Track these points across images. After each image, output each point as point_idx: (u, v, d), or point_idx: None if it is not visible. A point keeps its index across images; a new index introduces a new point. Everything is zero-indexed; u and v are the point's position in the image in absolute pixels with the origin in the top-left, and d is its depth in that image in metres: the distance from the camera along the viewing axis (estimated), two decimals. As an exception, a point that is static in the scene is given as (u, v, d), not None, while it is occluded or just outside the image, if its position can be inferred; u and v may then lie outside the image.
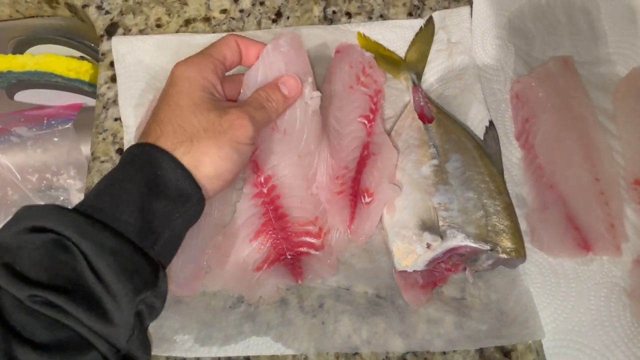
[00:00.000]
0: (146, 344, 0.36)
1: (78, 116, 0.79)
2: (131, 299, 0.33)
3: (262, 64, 0.48)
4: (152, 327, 0.47)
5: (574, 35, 0.58)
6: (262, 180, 0.49)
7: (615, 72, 0.55)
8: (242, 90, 0.48)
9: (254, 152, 0.50)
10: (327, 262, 0.48)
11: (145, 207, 0.37)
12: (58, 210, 0.34)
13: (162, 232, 0.38)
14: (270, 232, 0.48)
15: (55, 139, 0.77)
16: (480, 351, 0.45)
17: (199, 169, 0.39)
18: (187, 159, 0.39)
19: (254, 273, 0.47)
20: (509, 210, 0.47)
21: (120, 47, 0.59)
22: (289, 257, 0.48)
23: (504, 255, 0.44)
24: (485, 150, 0.51)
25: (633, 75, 0.55)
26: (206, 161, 0.40)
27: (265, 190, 0.49)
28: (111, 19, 0.64)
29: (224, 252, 0.48)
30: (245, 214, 0.49)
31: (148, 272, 0.36)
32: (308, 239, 0.49)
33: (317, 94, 0.49)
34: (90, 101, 0.80)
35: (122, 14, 0.64)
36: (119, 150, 0.56)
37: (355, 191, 0.50)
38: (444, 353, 0.45)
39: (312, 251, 0.48)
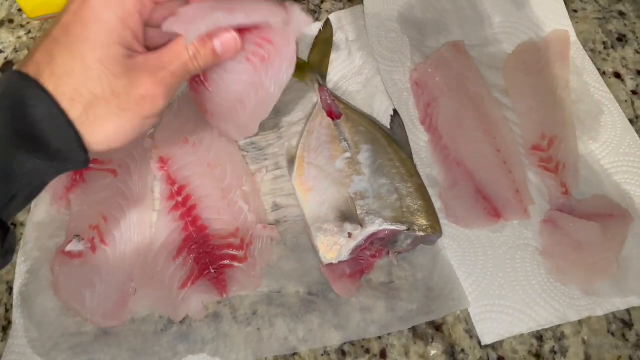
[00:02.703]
0: None
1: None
2: None
3: None
4: (82, 365, 0.46)
5: (461, 21, 0.61)
6: (176, 190, 0.49)
7: (503, 50, 0.59)
8: None
9: (166, 164, 0.49)
10: (252, 273, 0.48)
11: (7, 163, 0.31)
12: None
13: (23, 189, 0.33)
14: (192, 247, 0.48)
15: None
16: (414, 330, 0.46)
17: (91, 135, 0.33)
18: (79, 123, 0.33)
19: (179, 291, 0.46)
20: (421, 191, 0.49)
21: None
22: (212, 271, 0.47)
23: (420, 233, 0.46)
24: (393, 138, 0.53)
25: (518, 51, 0.59)
26: (99, 132, 0.33)
27: (180, 200, 0.48)
28: (5, 58, 0.62)
29: (148, 273, 0.47)
30: (165, 231, 0.48)
31: None
32: (230, 252, 0.48)
33: None
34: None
35: (17, 51, 0.62)
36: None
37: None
38: (380, 337, 0.46)
39: (236, 263, 0.48)
